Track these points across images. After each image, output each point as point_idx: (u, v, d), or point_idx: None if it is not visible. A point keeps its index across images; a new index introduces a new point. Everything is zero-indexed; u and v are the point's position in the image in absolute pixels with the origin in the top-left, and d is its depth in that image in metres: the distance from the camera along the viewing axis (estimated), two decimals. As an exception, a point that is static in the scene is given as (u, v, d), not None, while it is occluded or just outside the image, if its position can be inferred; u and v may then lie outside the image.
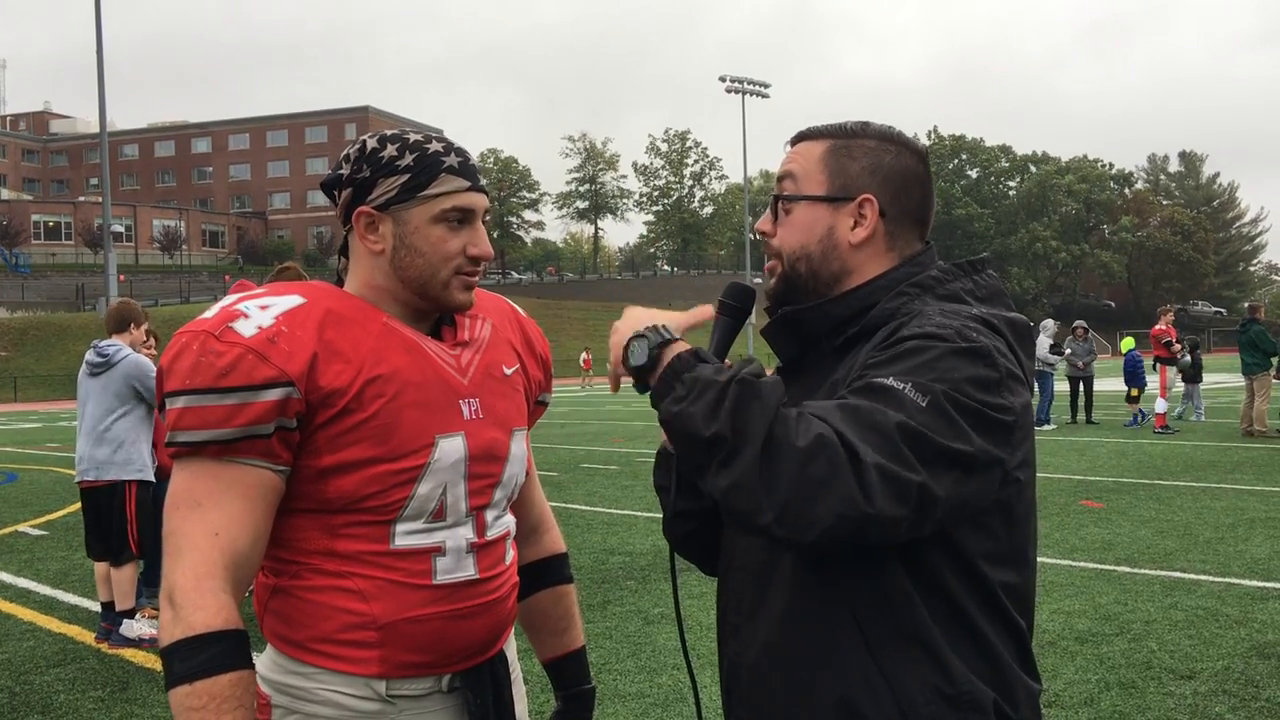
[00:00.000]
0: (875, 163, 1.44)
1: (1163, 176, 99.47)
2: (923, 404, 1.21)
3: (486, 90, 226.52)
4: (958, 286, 1.41)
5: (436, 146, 1.57)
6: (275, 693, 1.54)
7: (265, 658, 1.57)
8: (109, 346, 5.59)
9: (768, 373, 1.39)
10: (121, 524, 5.53)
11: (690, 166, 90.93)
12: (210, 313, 1.51)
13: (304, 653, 1.53)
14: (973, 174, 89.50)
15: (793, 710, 1.35)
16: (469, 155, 1.60)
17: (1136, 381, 16.75)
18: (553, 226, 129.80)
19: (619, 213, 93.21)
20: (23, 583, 7.20)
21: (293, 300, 1.52)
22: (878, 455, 1.17)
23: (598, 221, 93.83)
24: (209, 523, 1.43)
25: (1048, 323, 17.93)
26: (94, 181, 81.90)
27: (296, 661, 1.54)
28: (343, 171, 1.58)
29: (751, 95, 60.82)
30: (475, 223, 1.58)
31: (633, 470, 12.28)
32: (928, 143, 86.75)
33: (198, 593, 1.40)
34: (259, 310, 1.49)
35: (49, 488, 12.50)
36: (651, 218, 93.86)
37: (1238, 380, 15.28)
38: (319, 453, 1.49)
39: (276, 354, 1.45)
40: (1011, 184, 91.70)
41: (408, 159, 1.54)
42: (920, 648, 1.29)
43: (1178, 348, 16.17)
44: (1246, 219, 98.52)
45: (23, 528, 9.55)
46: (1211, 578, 6.29)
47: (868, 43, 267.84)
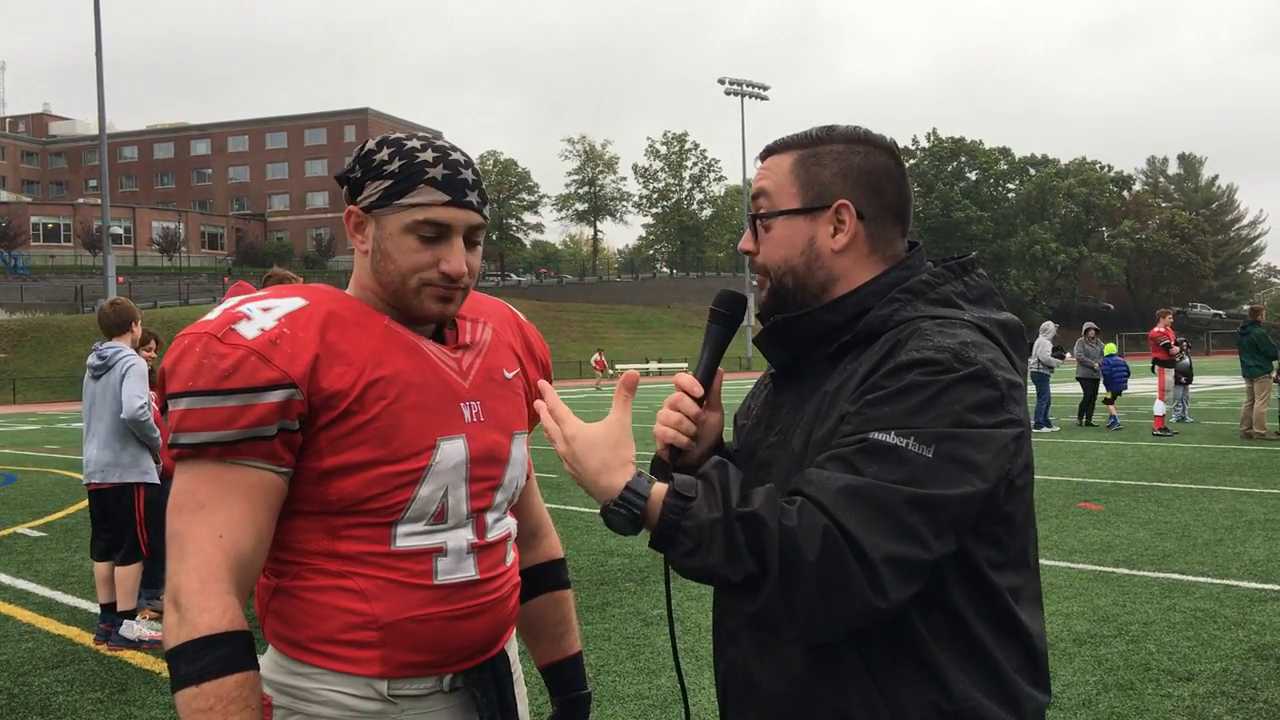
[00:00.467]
0: (845, 166, 1.42)
1: (1162, 179, 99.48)
2: (928, 455, 1.20)
3: (490, 93, 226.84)
4: (948, 289, 1.40)
5: (426, 156, 1.53)
6: (277, 693, 1.54)
7: (267, 659, 1.58)
8: (109, 349, 5.61)
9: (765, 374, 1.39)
10: (130, 526, 5.55)
11: (689, 169, 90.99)
12: (213, 315, 1.52)
13: (305, 653, 1.53)
14: (972, 176, 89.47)
15: None
16: (462, 169, 1.54)
17: (1114, 385, 16.78)
18: (552, 229, 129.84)
19: (618, 215, 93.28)
20: (21, 584, 7.20)
21: (295, 302, 1.52)
22: (887, 544, 1.18)
23: (597, 224, 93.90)
24: (212, 525, 1.44)
25: (1048, 325, 17.64)
26: (93, 183, 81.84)
27: (298, 662, 1.54)
28: (347, 168, 1.59)
29: (751, 97, 60.90)
30: (452, 239, 1.53)
31: (632, 472, 12.26)
32: (926, 145, 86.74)
33: (203, 595, 1.40)
34: (261, 312, 1.50)
35: (48, 489, 12.50)
36: (651, 220, 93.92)
37: (1236, 383, 15.28)
38: (321, 454, 1.49)
39: (279, 356, 1.45)
40: (1011, 186, 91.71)
41: (394, 164, 1.53)
42: (919, 664, 1.29)
43: (1176, 350, 16.18)
44: (1245, 221, 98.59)
45: (22, 529, 9.54)
46: (1210, 579, 6.30)
47: (870, 46, 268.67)
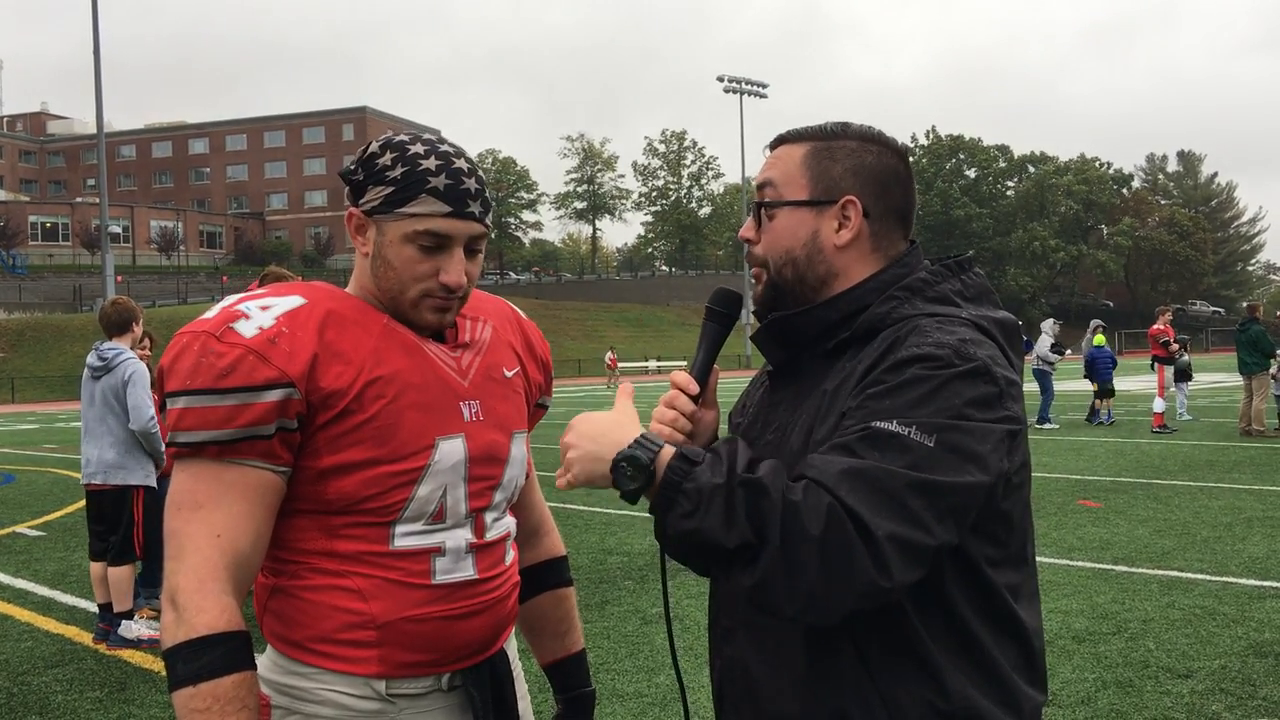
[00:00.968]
0: (857, 164, 1.42)
1: (1161, 176, 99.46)
2: (930, 444, 1.21)
3: (491, 93, 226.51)
4: (946, 288, 1.40)
5: (429, 164, 1.51)
6: (275, 693, 1.54)
7: (265, 658, 1.57)
8: (109, 350, 5.59)
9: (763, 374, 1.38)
10: (128, 527, 5.54)
11: (688, 167, 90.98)
12: (211, 313, 1.51)
13: (303, 653, 1.53)
14: (971, 174, 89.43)
15: None
16: (465, 178, 1.52)
17: (1098, 377, 16.86)
18: (551, 227, 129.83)
19: (617, 213, 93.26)
20: (20, 583, 7.19)
21: (294, 301, 1.52)
22: (890, 524, 1.17)
23: (596, 222, 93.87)
24: (210, 524, 1.43)
25: (1049, 322, 17.51)
26: (91, 182, 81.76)
27: (296, 662, 1.54)
28: (349, 169, 1.59)
29: (751, 95, 60.92)
30: (452, 249, 1.52)
31: (631, 470, 12.27)
32: (925, 142, 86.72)
33: (200, 594, 1.40)
34: (260, 311, 1.49)
35: (46, 489, 12.49)
36: (650, 218, 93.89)
37: (1236, 380, 15.27)
38: (319, 454, 1.49)
39: (277, 355, 1.45)
40: (1010, 184, 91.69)
41: (396, 171, 1.51)
42: (916, 663, 1.29)
43: (1175, 347, 16.17)
44: (1245, 219, 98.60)
45: (20, 528, 9.54)
46: (1209, 577, 6.30)
47: (872, 45, 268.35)
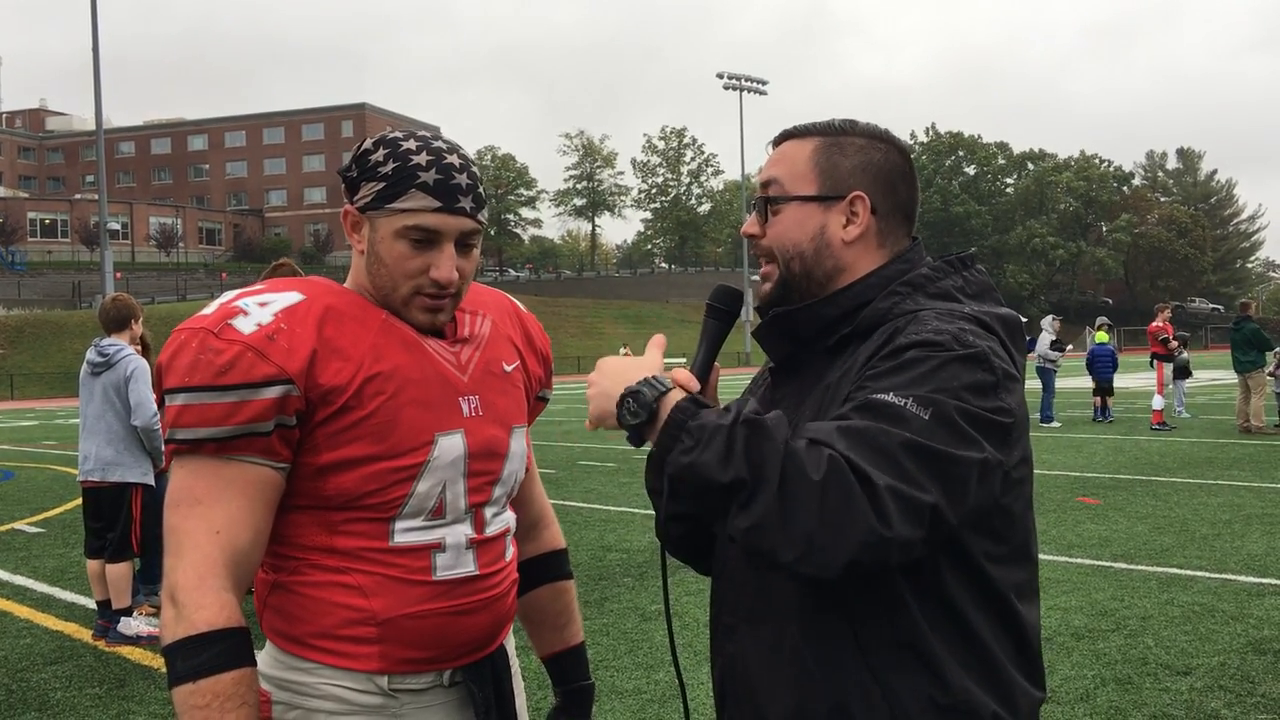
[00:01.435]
0: (866, 160, 1.43)
1: (1160, 173, 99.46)
2: (925, 417, 1.20)
3: (493, 92, 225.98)
4: (948, 284, 1.41)
5: (420, 159, 1.50)
6: (276, 689, 1.54)
7: (265, 654, 1.57)
8: (110, 346, 5.58)
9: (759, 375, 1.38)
10: (126, 524, 5.53)
11: (687, 164, 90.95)
12: (209, 309, 1.51)
13: (304, 648, 1.53)
14: (970, 171, 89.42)
15: (787, 716, 1.35)
16: (455, 173, 1.51)
17: (1096, 374, 16.89)
18: (550, 224, 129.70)
19: (616, 210, 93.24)
20: (19, 580, 7.19)
21: (292, 297, 1.51)
22: (888, 477, 1.16)
23: (595, 219, 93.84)
24: (210, 521, 1.43)
25: (1049, 319, 17.45)
26: (90, 179, 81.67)
27: (296, 657, 1.54)
28: (345, 166, 1.59)
29: (751, 93, 60.94)
30: (442, 245, 1.52)
31: (630, 467, 12.27)
32: (925, 139, 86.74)
33: (200, 591, 1.40)
34: (258, 307, 1.49)
35: (46, 485, 12.49)
36: (649, 215, 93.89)
37: (1234, 377, 15.28)
38: (318, 450, 1.49)
39: (276, 351, 1.45)
40: (1009, 181, 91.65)
41: (388, 166, 1.51)
42: (916, 656, 1.29)
43: (1174, 344, 16.17)
44: (1244, 216, 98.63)
45: (20, 525, 9.54)
46: (1208, 574, 6.31)
47: (875, 43, 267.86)
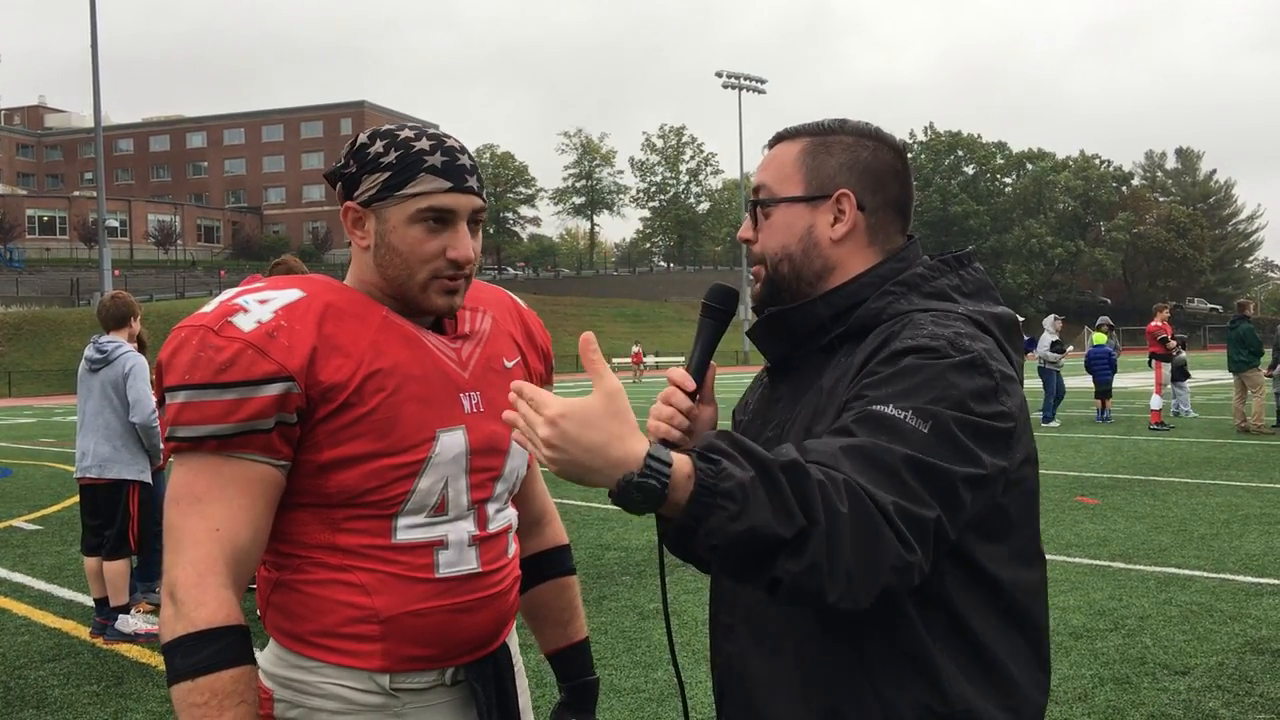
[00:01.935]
0: (852, 159, 1.42)
1: (1159, 173, 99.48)
2: (925, 430, 1.19)
3: (495, 92, 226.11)
4: (944, 283, 1.40)
5: (422, 145, 1.53)
6: (278, 687, 1.54)
7: (267, 652, 1.57)
8: (109, 343, 5.58)
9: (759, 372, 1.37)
10: (123, 521, 5.53)
11: (686, 162, 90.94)
12: (209, 307, 1.51)
13: (306, 646, 1.53)
14: (969, 170, 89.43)
15: (786, 716, 1.34)
16: (459, 155, 1.55)
17: (1095, 376, 16.90)
18: (549, 223, 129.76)
19: (615, 208, 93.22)
20: (17, 577, 7.19)
21: (292, 294, 1.51)
22: (891, 495, 1.15)
23: (594, 217, 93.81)
24: (210, 518, 1.43)
25: (1050, 319, 17.30)
26: (89, 176, 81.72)
27: (299, 655, 1.53)
28: (339, 164, 1.58)
29: (750, 91, 60.97)
30: (457, 224, 1.53)
31: (629, 466, 12.27)
32: (924, 139, 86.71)
33: (199, 589, 1.39)
34: (258, 304, 1.48)
35: (43, 483, 12.48)
36: (648, 213, 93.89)
37: (1231, 377, 15.29)
38: (319, 447, 1.49)
39: (276, 349, 1.45)
40: (1008, 181, 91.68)
41: (390, 156, 1.52)
42: (915, 665, 1.28)
43: (1173, 344, 16.18)
44: (1243, 216, 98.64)
45: (17, 522, 9.53)
46: (1206, 573, 6.31)
47: (877, 43, 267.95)
